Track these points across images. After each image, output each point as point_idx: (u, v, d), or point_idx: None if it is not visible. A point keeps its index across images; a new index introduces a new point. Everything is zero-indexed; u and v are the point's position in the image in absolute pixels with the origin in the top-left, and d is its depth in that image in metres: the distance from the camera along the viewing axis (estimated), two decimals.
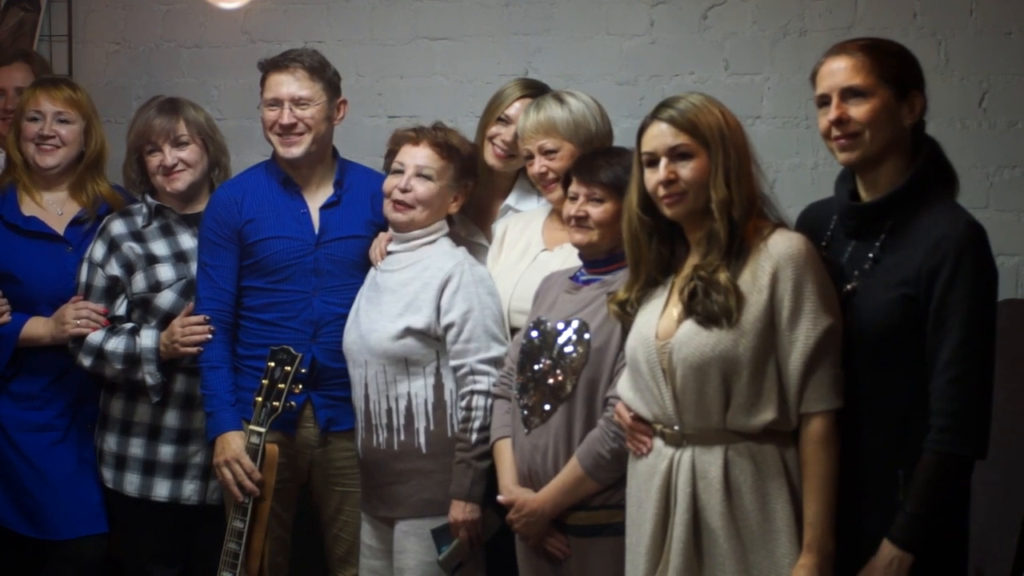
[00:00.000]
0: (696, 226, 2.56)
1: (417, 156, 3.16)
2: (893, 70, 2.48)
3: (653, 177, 2.55)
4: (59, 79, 3.74)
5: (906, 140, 2.50)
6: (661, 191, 2.53)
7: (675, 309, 2.56)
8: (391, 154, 3.24)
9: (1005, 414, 2.52)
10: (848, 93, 2.47)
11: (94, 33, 4.51)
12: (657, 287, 2.63)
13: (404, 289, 3.14)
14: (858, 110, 2.46)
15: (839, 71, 2.48)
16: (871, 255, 2.49)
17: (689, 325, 2.50)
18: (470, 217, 3.47)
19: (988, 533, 2.93)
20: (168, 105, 3.46)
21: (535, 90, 3.39)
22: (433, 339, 3.10)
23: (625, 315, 2.66)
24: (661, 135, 2.54)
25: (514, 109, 3.36)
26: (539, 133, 3.14)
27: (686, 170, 2.51)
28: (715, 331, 2.46)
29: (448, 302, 3.08)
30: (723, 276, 2.46)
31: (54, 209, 3.51)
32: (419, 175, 3.15)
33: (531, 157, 3.18)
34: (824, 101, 2.52)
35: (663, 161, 2.52)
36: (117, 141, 3.62)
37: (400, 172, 3.16)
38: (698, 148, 2.51)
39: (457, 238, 3.33)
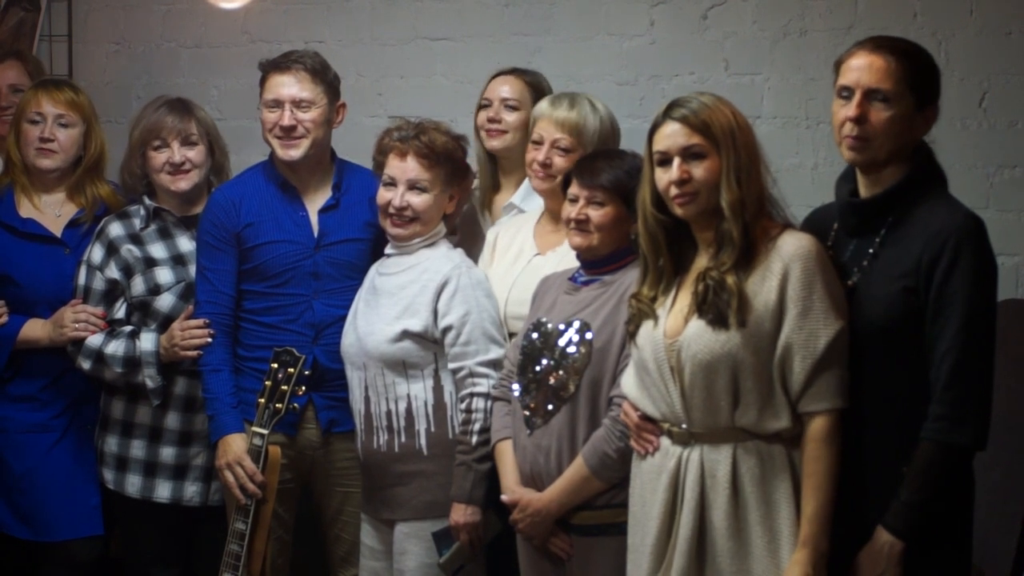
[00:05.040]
0: (705, 226, 2.55)
1: (407, 170, 3.12)
2: (920, 80, 2.47)
3: (665, 176, 2.53)
4: (61, 81, 3.74)
5: (912, 147, 2.50)
6: (673, 191, 2.52)
7: (682, 308, 2.55)
8: (377, 160, 3.22)
9: (1005, 414, 2.51)
10: (873, 94, 2.45)
11: (94, 33, 4.52)
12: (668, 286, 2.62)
13: (402, 292, 3.14)
14: (878, 115, 2.45)
15: (870, 69, 2.45)
16: (871, 250, 2.49)
17: (698, 323, 2.50)
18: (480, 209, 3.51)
19: (988, 533, 2.92)
20: (179, 104, 3.45)
21: (509, 69, 3.49)
22: (430, 342, 3.10)
23: (653, 312, 2.60)
24: (674, 135, 2.52)
25: (490, 91, 3.45)
26: (564, 128, 3.12)
27: (699, 170, 2.50)
28: (724, 330, 2.46)
29: (446, 305, 3.08)
30: (731, 279, 2.46)
31: (51, 211, 3.49)
32: (412, 188, 3.13)
33: (539, 142, 3.15)
34: (845, 93, 2.49)
35: (676, 161, 2.51)
36: (116, 141, 3.60)
37: (391, 185, 3.15)
38: (711, 148, 2.49)
39: (461, 232, 3.33)
